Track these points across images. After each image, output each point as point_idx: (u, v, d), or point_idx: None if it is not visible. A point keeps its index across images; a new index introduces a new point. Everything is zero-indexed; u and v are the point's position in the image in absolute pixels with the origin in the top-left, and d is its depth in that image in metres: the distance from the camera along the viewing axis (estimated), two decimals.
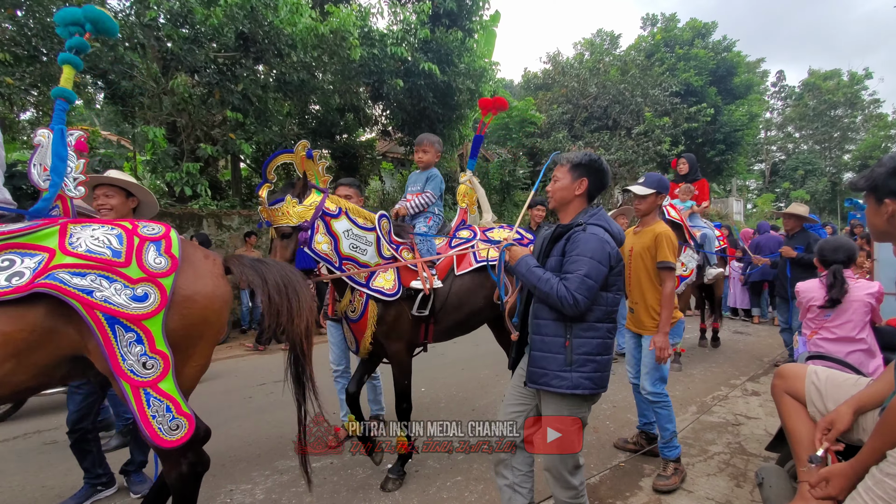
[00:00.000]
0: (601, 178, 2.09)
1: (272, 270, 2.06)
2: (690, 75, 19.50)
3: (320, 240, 2.63)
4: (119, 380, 1.66)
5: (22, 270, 1.60)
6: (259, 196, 2.62)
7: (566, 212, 2.12)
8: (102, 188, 2.64)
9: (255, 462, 3.25)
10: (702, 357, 6.15)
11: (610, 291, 1.96)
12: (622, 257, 2.02)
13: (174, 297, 1.77)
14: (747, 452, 3.37)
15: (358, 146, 11.76)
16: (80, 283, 1.62)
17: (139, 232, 1.81)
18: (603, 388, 1.98)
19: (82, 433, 2.70)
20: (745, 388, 4.86)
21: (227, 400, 4.61)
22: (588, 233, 1.93)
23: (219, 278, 1.97)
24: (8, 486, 2.92)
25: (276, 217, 2.56)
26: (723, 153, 21.04)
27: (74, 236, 1.71)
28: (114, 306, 1.64)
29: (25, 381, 1.66)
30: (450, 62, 10.07)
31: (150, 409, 1.70)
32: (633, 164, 14.73)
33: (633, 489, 2.87)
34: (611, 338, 1.99)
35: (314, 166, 2.82)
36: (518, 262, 2.04)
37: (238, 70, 8.08)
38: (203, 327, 1.87)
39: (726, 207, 25.20)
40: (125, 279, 1.68)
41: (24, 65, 6.64)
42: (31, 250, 1.65)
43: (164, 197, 8.24)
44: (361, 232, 2.76)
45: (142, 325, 1.67)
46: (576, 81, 16.32)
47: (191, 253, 1.92)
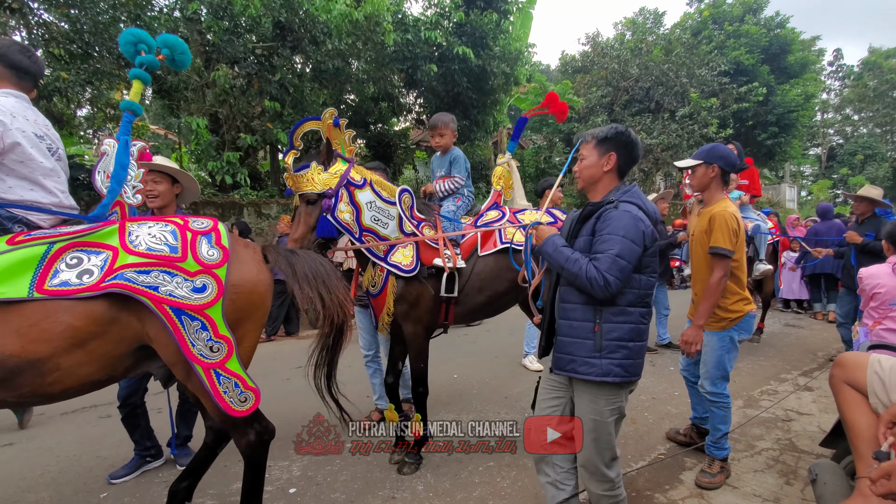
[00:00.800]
0: (630, 151, 1.94)
1: (301, 261, 2.13)
2: (741, 53, 18.34)
3: (343, 209, 2.61)
4: (192, 363, 1.80)
5: (90, 268, 1.72)
6: (285, 163, 2.62)
7: (595, 190, 1.99)
8: (150, 174, 2.74)
9: (292, 440, 3.34)
10: (749, 350, 5.84)
11: (644, 274, 1.84)
12: (658, 237, 1.89)
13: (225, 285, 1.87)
14: (798, 449, 3.17)
15: (392, 135, 11.79)
16: (146, 280, 1.74)
17: (190, 227, 1.93)
18: (636, 377, 1.87)
19: (132, 408, 2.85)
20: (797, 382, 4.57)
21: (267, 381, 4.77)
22: (620, 210, 1.80)
23: (261, 264, 2.08)
24: (66, 455, 3.13)
25: (301, 184, 2.57)
26: (775, 136, 19.73)
27: (133, 234, 1.84)
28: (178, 299, 1.76)
29: (93, 372, 1.78)
30: (484, 45, 9.87)
31: (221, 387, 1.86)
32: (676, 149, 14.05)
33: (674, 482, 2.75)
34: (644, 323, 1.87)
35: (341, 135, 2.77)
36: (545, 242, 1.92)
37: (275, 60, 8.23)
38: (250, 311, 1.99)
39: (778, 194, 23.73)
40: (184, 273, 1.80)
41: (77, 62, 7.00)
42: (96, 248, 1.78)
43: (208, 187, 8.55)
44: (385, 205, 2.73)
45: (204, 313, 1.79)
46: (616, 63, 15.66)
47: (234, 243, 2.03)
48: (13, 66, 1.99)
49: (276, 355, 5.92)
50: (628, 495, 2.60)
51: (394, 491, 2.65)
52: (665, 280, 5.92)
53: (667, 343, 5.88)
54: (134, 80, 2.11)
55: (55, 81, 6.55)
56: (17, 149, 1.88)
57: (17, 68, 2.00)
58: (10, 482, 2.78)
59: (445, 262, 2.77)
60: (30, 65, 2.04)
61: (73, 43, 6.72)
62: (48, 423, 3.70)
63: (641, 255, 1.78)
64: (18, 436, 3.45)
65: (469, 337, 6.35)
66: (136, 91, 2.13)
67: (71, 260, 1.73)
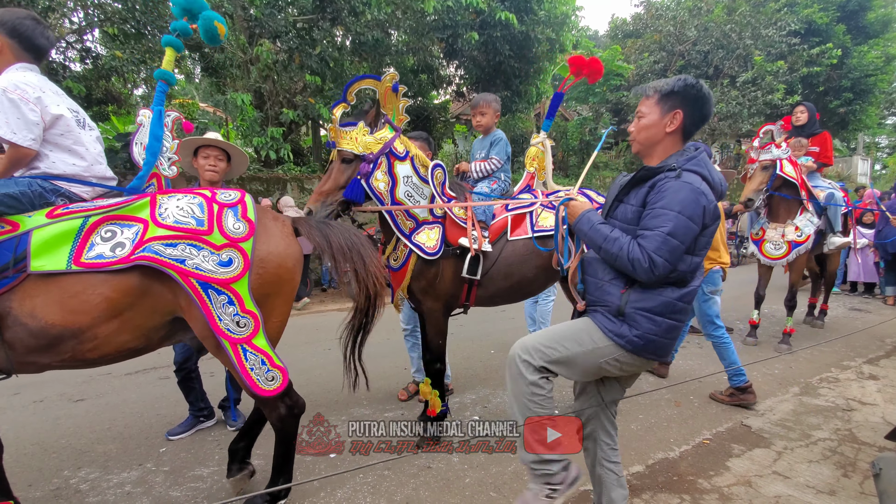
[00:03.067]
0: (702, 107, 1.65)
1: (336, 233, 2.09)
2: (813, 11, 16.59)
3: (380, 177, 2.56)
4: (219, 338, 1.81)
5: (123, 241, 1.76)
6: (332, 114, 2.55)
7: (653, 155, 1.73)
8: (213, 150, 2.80)
9: (332, 407, 3.46)
10: (809, 334, 5.48)
11: (697, 256, 1.60)
12: (720, 214, 1.67)
13: (252, 259, 1.86)
14: (859, 441, 2.96)
15: (432, 109, 11.63)
16: (173, 253, 1.75)
17: (217, 199, 1.90)
18: (654, 356, 1.64)
19: (187, 372, 3.03)
20: (861, 370, 4.25)
21: (309, 351, 4.95)
22: (682, 180, 1.54)
23: (289, 237, 2.04)
24: (130, 412, 3.39)
25: (344, 140, 2.51)
26: (849, 103, 17.91)
27: (163, 206, 1.84)
28: (204, 272, 1.76)
29: (129, 340, 1.84)
30: (528, 10, 9.44)
31: (248, 363, 1.86)
32: (736, 118, 13.07)
33: (719, 469, 2.65)
34: (684, 302, 1.62)
35: (396, 101, 2.67)
36: (579, 219, 1.72)
37: (316, 33, 8.22)
38: (278, 285, 1.96)
39: (849, 167, 21.74)
40: (210, 246, 1.80)
41: (131, 41, 7.27)
42: (129, 221, 1.81)
43: (253, 162, 8.80)
44: (420, 183, 2.68)
45: (231, 287, 1.79)
46: (672, 25, 14.59)
47: (262, 216, 1.99)
48: (34, 49, 1.91)
49: (319, 325, 6.13)
50: (668, 479, 2.54)
51: (430, 461, 2.70)
52: None
53: None
54: (166, 47, 2.07)
55: (111, 61, 6.84)
56: (59, 121, 1.88)
57: (36, 51, 1.92)
58: (82, 434, 3.05)
59: (472, 242, 2.69)
60: (46, 45, 1.96)
61: (126, 22, 6.96)
62: (114, 381, 4.01)
63: (699, 234, 1.56)
64: (88, 392, 3.76)
65: (507, 312, 6.31)
66: (168, 59, 2.10)
67: (105, 233, 1.77)
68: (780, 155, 4.44)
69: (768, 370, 4.23)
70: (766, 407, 3.46)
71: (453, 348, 4.46)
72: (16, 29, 1.87)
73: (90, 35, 7.67)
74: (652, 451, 2.82)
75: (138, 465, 2.67)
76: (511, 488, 2.44)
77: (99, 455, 2.79)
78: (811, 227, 4.60)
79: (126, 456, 2.78)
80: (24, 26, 1.88)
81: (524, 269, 2.88)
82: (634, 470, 2.62)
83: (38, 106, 1.81)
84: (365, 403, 3.50)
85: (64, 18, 7.13)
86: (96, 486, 2.47)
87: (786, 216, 4.71)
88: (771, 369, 4.26)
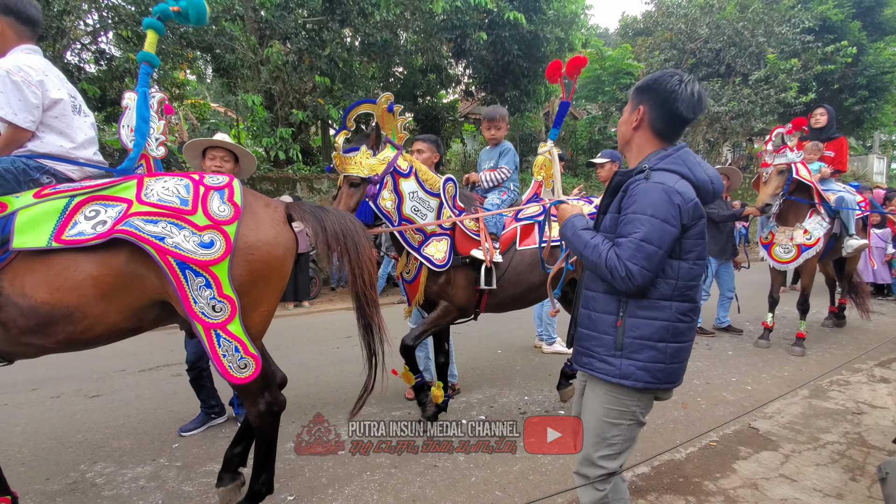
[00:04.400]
0: (668, 104, 1.51)
1: (331, 218, 2.05)
2: (828, 7, 16.30)
3: (386, 196, 2.65)
4: (192, 321, 1.78)
5: (105, 220, 1.74)
6: (335, 142, 2.65)
7: (630, 155, 1.66)
8: (220, 152, 2.84)
9: (340, 405, 3.50)
10: (821, 335, 5.42)
11: (685, 260, 1.48)
12: (703, 213, 1.50)
13: (238, 244, 1.82)
14: (868, 444, 2.94)
15: (440, 108, 11.66)
16: (152, 230, 1.71)
17: (204, 182, 1.87)
18: (668, 384, 1.54)
19: (198, 371, 3.10)
20: (873, 373, 4.21)
21: (317, 349, 5.00)
22: (651, 181, 1.46)
23: (280, 225, 1.98)
24: (144, 408, 3.47)
25: (349, 165, 2.59)
26: (865, 101, 17.57)
27: (149, 187, 1.82)
28: (183, 252, 1.72)
29: (119, 321, 1.84)
30: (537, 9, 9.42)
31: (220, 349, 1.82)
32: (748, 116, 12.90)
33: (725, 471, 2.64)
34: (684, 321, 1.52)
35: (394, 121, 2.77)
36: (564, 224, 1.64)
37: (325, 34, 8.29)
38: (267, 273, 1.91)
39: (865, 166, 21.38)
40: (192, 226, 1.75)
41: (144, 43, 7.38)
42: (113, 202, 1.79)
43: (263, 162, 8.89)
44: (426, 196, 2.76)
45: (209, 270, 1.75)
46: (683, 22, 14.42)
47: (252, 202, 1.95)
48: (29, 21, 1.95)
49: (328, 324, 6.19)
50: (674, 480, 2.54)
51: (436, 459, 2.73)
52: (726, 258, 5.47)
53: (726, 326, 5.56)
54: (147, 29, 2.07)
55: (125, 63, 6.95)
56: (57, 105, 1.92)
57: (32, 22, 1.96)
58: (97, 429, 3.13)
59: (486, 254, 2.78)
60: (38, 14, 1.99)
61: (139, 25, 7.07)
62: (129, 378, 4.10)
63: (679, 236, 1.45)
64: (104, 388, 3.85)
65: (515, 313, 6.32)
66: (150, 41, 2.09)
67: (90, 212, 1.75)
68: (794, 158, 4.40)
69: (777, 372, 4.21)
70: (774, 409, 3.44)
71: (460, 348, 4.48)
72: (6, 5, 1.90)
73: (104, 37, 7.80)
74: (658, 453, 2.82)
75: (152, 461, 2.74)
76: (516, 487, 2.46)
77: (114, 450, 2.86)
78: (821, 230, 4.55)
79: (140, 451, 2.85)
80: (27, 7, 1.93)
81: (531, 277, 2.96)
82: (640, 471, 2.63)
83: (40, 89, 1.86)
84: (373, 402, 3.53)
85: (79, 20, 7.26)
86: (111, 480, 2.54)
87: (794, 219, 4.67)
88: (780, 371, 4.23)
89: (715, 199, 1.61)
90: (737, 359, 4.58)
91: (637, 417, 1.59)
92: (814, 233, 4.54)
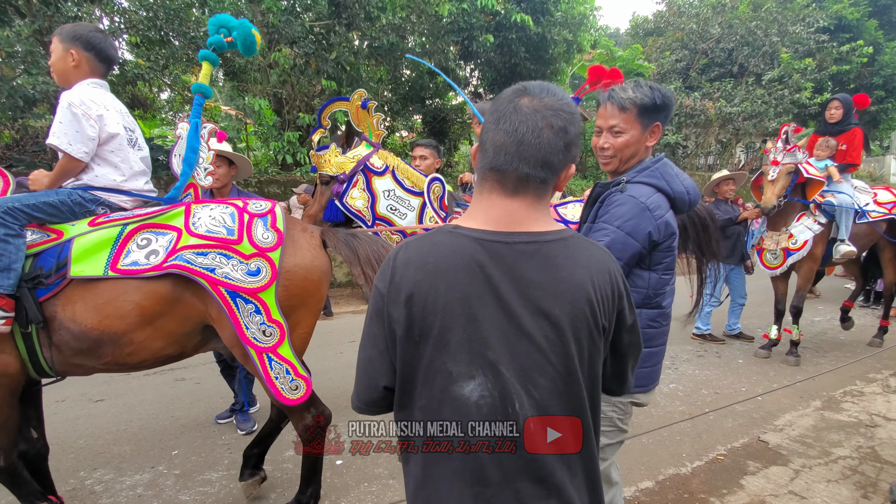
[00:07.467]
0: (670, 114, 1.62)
1: (364, 245, 2.12)
2: (844, 6, 16.01)
3: (356, 195, 2.60)
4: (245, 346, 1.86)
5: (157, 249, 1.82)
6: (311, 140, 2.67)
7: (624, 171, 1.67)
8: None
9: (342, 411, 3.45)
10: (835, 344, 5.28)
11: (654, 271, 1.53)
12: (674, 229, 1.53)
13: (280, 269, 1.90)
14: (882, 459, 2.84)
15: (448, 110, 11.62)
16: (203, 262, 1.81)
17: (248, 209, 1.96)
18: (638, 388, 1.56)
19: (226, 363, 3.16)
20: (888, 384, 4.08)
21: (321, 354, 4.99)
22: (626, 194, 1.50)
23: (317, 249, 2.07)
24: (146, 414, 3.48)
25: (320, 164, 2.60)
26: (881, 101, 17.18)
27: (196, 216, 1.90)
28: (233, 281, 1.81)
29: (164, 347, 1.91)
30: (544, 11, 9.36)
31: (272, 372, 1.90)
32: (761, 117, 12.69)
33: (732, 487, 2.57)
34: (655, 327, 1.57)
35: (369, 118, 2.74)
36: None
37: (332, 38, 8.31)
38: (304, 297, 2.00)
39: (881, 167, 20.88)
40: (240, 255, 1.84)
41: (156, 48, 7.46)
42: (164, 230, 1.87)
43: (272, 165, 8.93)
44: (405, 195, 2.69)
45: (258, 297, 1.83)
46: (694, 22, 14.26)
47: (291, 227, 2.03)
48: (106, 60, 2.05)
49: (331, 329, 6.18)
50: (678, 496, 2.47)
51: None
52: (735, 262, 5.25)
53: (737, 333, 5.41)
54: (203, 61, 2.14)
55: (135, 68, 7.03)
56: (114, 140, 1.98)
57: (108, 61, 2.06)
58: (99, 435, 3.14)
59: None
60: (116, 55, 2.11)
61: (150, 30, 7.15)
62: (133, 382, 4.11)
63: (642, 250, 1.48)
64: (108, 392, 3.87)
65: None
66: (205, 73, 2.16)
67: (142, 241, 1.84)
68: (802, 160, 4.28)
69: (790, 381, 4.10)
70: (785, 422, 3.35)
71: None
72: (90, 42, 1.97)
73: (116, 42, 7.91)
74: (663, 467, 2.75)
75: (150, 468, 2.74)
76: None
77: (114, 456, 2.87)
78: (808, 234, 4.34)
79: (140, 458, 2.85)
80: (97, 39, 2.00)
81: None
82: (644, 486, 2.56)
83: (99, 123, 1.92)
84: None
85: None
86: (110, 488, 2.54)
87: (781, 223, 4.49)
88: (793, 380, 4.12)
89: (691, 208, 1.62)
90: (747, 367, 4.47)
91: (616, 424, 1.60)
92: (799, 237, 4.36)
